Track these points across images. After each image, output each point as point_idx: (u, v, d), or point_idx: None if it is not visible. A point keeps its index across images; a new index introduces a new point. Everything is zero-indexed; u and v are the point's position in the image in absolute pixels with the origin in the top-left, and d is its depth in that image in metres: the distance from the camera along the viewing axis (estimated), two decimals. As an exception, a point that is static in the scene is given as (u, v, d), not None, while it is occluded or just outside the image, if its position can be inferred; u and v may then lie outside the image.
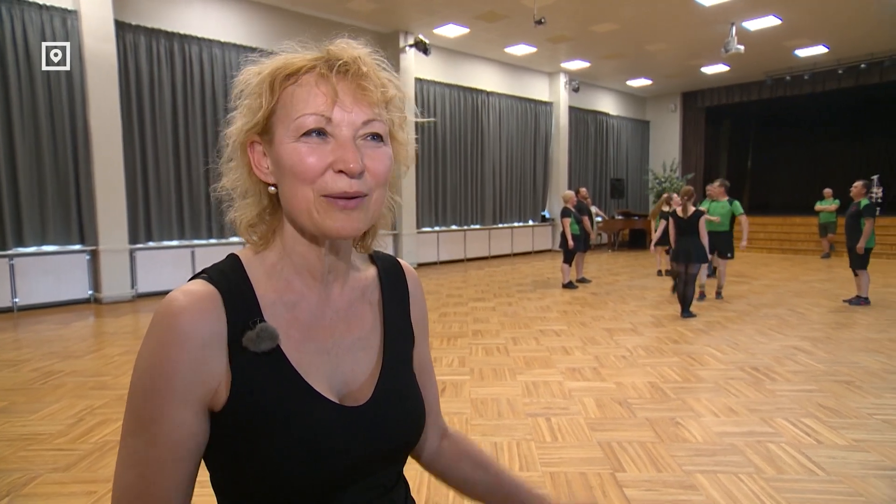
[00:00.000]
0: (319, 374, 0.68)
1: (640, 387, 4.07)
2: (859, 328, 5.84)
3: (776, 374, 4.34)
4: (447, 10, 9.54)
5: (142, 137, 7.91)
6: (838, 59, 13.20)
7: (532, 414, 3.56)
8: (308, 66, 0.63)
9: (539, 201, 14.52)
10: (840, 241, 12.58)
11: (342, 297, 0.74)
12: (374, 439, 0.68)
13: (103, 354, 4.96)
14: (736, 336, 5.55)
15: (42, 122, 6.97)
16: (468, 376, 4.34)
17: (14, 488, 2.64)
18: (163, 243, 8.11)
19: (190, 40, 8.21)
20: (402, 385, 0.75)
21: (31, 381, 4.23)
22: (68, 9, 7.07)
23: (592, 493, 2.57)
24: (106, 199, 7.33)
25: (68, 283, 7.19)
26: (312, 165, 0.61)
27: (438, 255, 11.92)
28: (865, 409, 3.61)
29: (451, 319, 6.43)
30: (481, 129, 12.79)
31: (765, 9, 9.70)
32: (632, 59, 13.02)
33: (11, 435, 3.24)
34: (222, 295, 0.64)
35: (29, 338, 5.59)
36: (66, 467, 2.84)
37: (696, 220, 6.42)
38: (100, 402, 3.77)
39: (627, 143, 17.26)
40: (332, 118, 0.61)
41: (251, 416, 0.62)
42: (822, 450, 3.01)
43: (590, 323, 6.22)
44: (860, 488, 2.60)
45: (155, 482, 0.60)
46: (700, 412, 3.56)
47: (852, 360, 4.68)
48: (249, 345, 0.63)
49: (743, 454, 2.96)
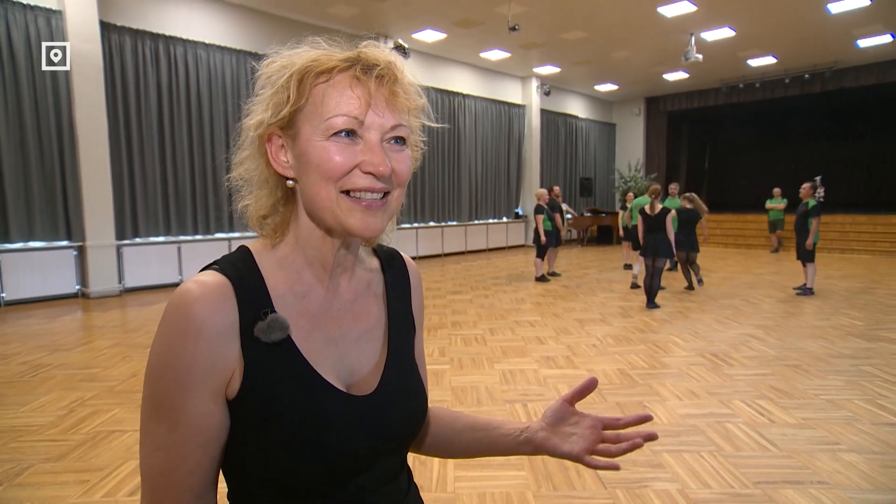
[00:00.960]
0: (327, 363, 0.67)
1: (609, 374, 4.13)
2: (806, 317, 6.03)
3: (733, 360, 4.45)
4: (425, 16, 9.51)
5: (128, 136, 7.71)
6: (785, 70, 13.59)
7: (509, 400, 3.59)
8: (342, 67, 0.61)
9: (513, 199, 14.59)
10: (788, 237, 12.97)
11: (349, 290, 0.73)
12: (380, 428, 0.67)
13: (92, 347, 4.84)
14: (696, 325, 5.68)
15: (27, 121, 6.74)
16: (448, 365, 4.36)
17: (7, 478, 2.57)
18: (149, 239, 7.92)
19: (175, 42, 8.01)
20: (406, 375, 0.75)
21: (21, 374, 4.11)
22: (53, 9, 6.84)
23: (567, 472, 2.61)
24: (93, 196, 7.13)
25: (56, 278, 6.98)
26: (341, 165, 0.60)
27: (417, 251, 11.89)
28: (812, 390, 3.73)
29: (431, 311, 6.43)
30: (458, 130, 12.79)
31: (721, 21, 9.93)
32: (599, 65, 13.15)
33: (2, 427, 3.14)
34: (234, 285, 0.62)
35: (17, 332, 5.41)
36: (58, 457, 2.77)
37: (663, 218, 6.48)
38: (90, 393, 3.68)
39: (595, 144, 17.44)
40: (364, 121, 0.60)
41: (263, 404, 0.61)
42: (774, 428, 3.10)
43: (562, 314, 6.28)
44: (808, 462, 2.70)
45: (179, 466, 0.60)
46: (665, 396, 3.64)
47: (800, 346, 4.83)
48: (261, 335, 0.62)
49: (704, 434, 3.04)
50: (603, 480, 2.53)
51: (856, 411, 3.35)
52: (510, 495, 2.41)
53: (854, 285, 8.08)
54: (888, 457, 2.76)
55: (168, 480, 0.60)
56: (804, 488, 2.45)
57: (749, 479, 2.53)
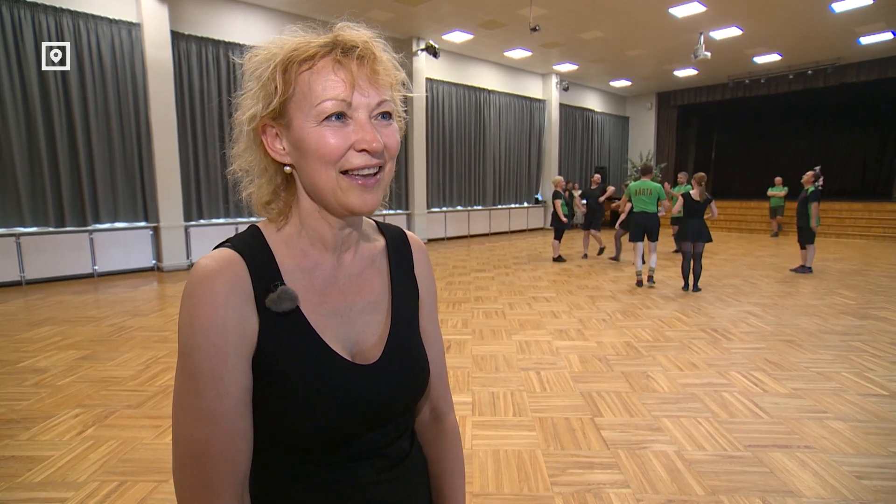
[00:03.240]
0: (334, 334, 0.65)
1: (617, 345, 4.09)
2: (801, 296, 5.82)
3: (731, 335, 4.35)
4: (454, 19, 9.34)
5: (193, 131, 7.87)
6: (789, 66, 12.90)
7: (525, 368, 3.59)
8: (322, 52, 0.58)
9: (533, 186, 14.37)
10: (787, 223, 12.48)
11: (354, 265, 0.70)
12: (383, 394, 0.65)
13: (165, 314, 5.03)
14: (699, 303, 5.55)
15: (112, 119, 6.94)
16: (470, 336, 4.37)
17: (98, 420, 2.72)
18: (212, 221, 8.12)
19: (234, 47, 8.07)
20: (409, 346, 0.72)
21: (109, 334, 4.31)
22: (133, 22, 6.98)
23: (574, 434, 2.61)
24: (165, 184, 7.33)
25: (136, 253, 7.26)
26: (336, 147, 0.57)
27: (446, 232, 11.87)
28: (803, 363, 3.62)
29: (456, 287, 6.45)
30: (483, 122, 12.60)
31: (729, 21, 9.48)
32: (614, 63, 12.73)
33: (94, 377, 3.32)
34: (245, 260, 0.60)
35: (106, 299, 5.66)
36: (137, 405, 2.91)
37: (707, 204, 5.99)
38: (163, 352, 3.84)
39: (609, 136, 16.98)
40: (351, 102, 0.58)
41: (273, 369, 0.59)
42: (767, 397, 3.03)
43: (575, 291, 6.22)
44: (796, 428, 2.64)
45: (224, 436, 0.57)
46: (667, 367, 3.59)
47: (794, 323, 4.68)
48: (272, 305, 0.60)
49: (702, 401, 2.99)
50: (606, 441, 2.52)
51: (844, 383, 3.25)
52: (521, 453, 2.43)
53: (848, 267, 7.75)
54: (871, 425, 2.67)
55: (213, 451, 0.56)
56: (791, 452, 2.40)
57: (741, 443, 2.48)
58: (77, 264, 6.75)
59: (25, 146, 6.36)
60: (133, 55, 7.01)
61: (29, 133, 6.38)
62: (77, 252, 6.74)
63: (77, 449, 2.42)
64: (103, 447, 2.44)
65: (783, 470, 2.25)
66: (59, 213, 6.67)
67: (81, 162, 6.73)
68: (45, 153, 6.46)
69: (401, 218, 10.99)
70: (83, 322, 4.68)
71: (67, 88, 6.58)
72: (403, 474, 0.70)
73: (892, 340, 4.15)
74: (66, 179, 6.66)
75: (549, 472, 2.25)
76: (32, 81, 6.29)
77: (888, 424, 2.68)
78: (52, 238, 6.54)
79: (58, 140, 6.53)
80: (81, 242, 6.76)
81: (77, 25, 6.58)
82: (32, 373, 3.41)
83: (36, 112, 6.35)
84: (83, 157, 6.75)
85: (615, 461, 2.33)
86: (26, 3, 6.19)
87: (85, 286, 6.37)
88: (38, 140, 6.39)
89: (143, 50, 7.04)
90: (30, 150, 6.40)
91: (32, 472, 2.22)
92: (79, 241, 6.74)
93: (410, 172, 10.94)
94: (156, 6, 7.04)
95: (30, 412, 2.81)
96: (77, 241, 6.73)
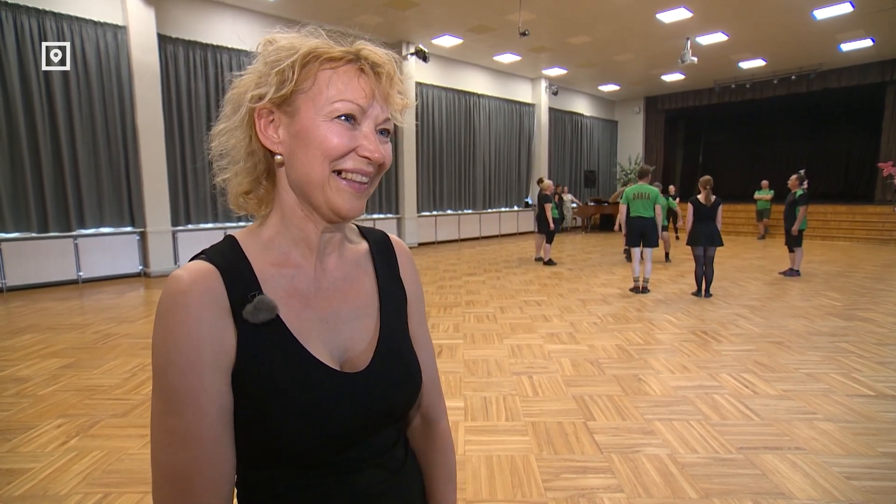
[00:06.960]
0: (319, 341, 0.62)
1: (608, 349, 4.09)
2: (789, 298, 5.89)
3: (721, 337, 4.37)
4: (443, 23, 9.37)
5: (181, 135, 7.79)
6: (774, 71, 13.15)
7: (517, 372, 3.57)
8: (348, 58, 0.60)
9: (523, 189, 14.43)
10: (774, 225, 12.65)
11: (338, 269, 0.68)
12: (373, 403, 0.63)
13: (152, 320, 4.87)
14: (689, 305, 5.58)
15: (98, 124, 6.86)
16: (461, 340, 4.35)
17: (82, 430, 2.66)
18: (200, 225, 8.05)
19: (221, 50, 8.03)
20: (399, 351, 0.69)
21: (94, 341, 4.23)
22: (119, 24, 6.90)
23: (567, 438, 2.60)
24: (152, 188, 7.24)
25: (122, 259, 7.15)
26: (341, 145, 0.58)
27: (436, 236, 11.86)
28: (793, 364, 3.65)
29: (447, 291, 6.43)
30: (473, 127, 12.64)
31: (715, 26, 9.64)
32: (603, 67, 12.85)
33: (79, 386, 3.25)
34: (220, 272, 0.58)
35: (91, 305, 5.56)
36: (122, 414, 2.85)
37: (716, 208, 5.90)
38: (149, 360, 3.65)
39: (598, 139, 17.11)
40: (366, 110, 0.59)
41: (256, 383, 0.57)
42: (757, 399, 3.05)
43: (566, 294, 6.22)
44: (787, 430, 2.65)
45: (204, 457, 0.55)
46: (658, 370, 3.60)
47: (783, 325, 4.72)
48: (248, 317, 0.58)
49: (693, 404, 2.99)
50: (599, 445, 2.52)
51: (832, 384, 3.28)
52: (514, 458, 2.41)
53: (833, 269, 7.86)
54: (860, 425, 2.70)
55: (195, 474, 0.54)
56: (782, 453, 2.41)
57: (733, 445, 2.49)
58: (61, 270, 6.63)
59: (6, 148, 6.25)
60: (119, 58, 6.94)
61: (10, 135, 6.26)
62: (61, 258, 6.62)
63: (60, 460, 2.36)
64: (87, 458, 2.38)
65: (774, 472, 2.26)
66: (43, 218, 6.55)
67: (66, 166, 6.63)
68: (27, 156, 6.35)
69: (391, 222, 10.96)
70: (67, 329, 4.59)
71: (51, 90, 6.48)
72: (400, 484, 0.69)
73: (877, 341, 4.20)
74: (50, 184, 6.55)
75: (542, 477, 2.23)
76: (14, 83, 6.19)
77: (876, 424, 2.71)
78: (34, 244, 6.42)
79: (41, 143, 6.42)
80: (66, 248, 6.65)
81: (61, 28, 6.50)
82: (13, 382, 3.33)
83: (17, 113, 6.24)
84: (67, 160, 6.64)
85: (608, 465, 2.32)
86: (7, 4, 6.09)
87: (69, 293, 6.25)
88: (19, 142, 6.29)
89: (129, 53, 6.97)
90: (11, 152, 6.29)
91: (12, 485, 2.16)
92: (63, 246, 6.63)
93: (401, 176, 10.93)
94: (142, 9, 6.97)
95: (11, 423, 2.74)
96: (61, 246, 6.62)
